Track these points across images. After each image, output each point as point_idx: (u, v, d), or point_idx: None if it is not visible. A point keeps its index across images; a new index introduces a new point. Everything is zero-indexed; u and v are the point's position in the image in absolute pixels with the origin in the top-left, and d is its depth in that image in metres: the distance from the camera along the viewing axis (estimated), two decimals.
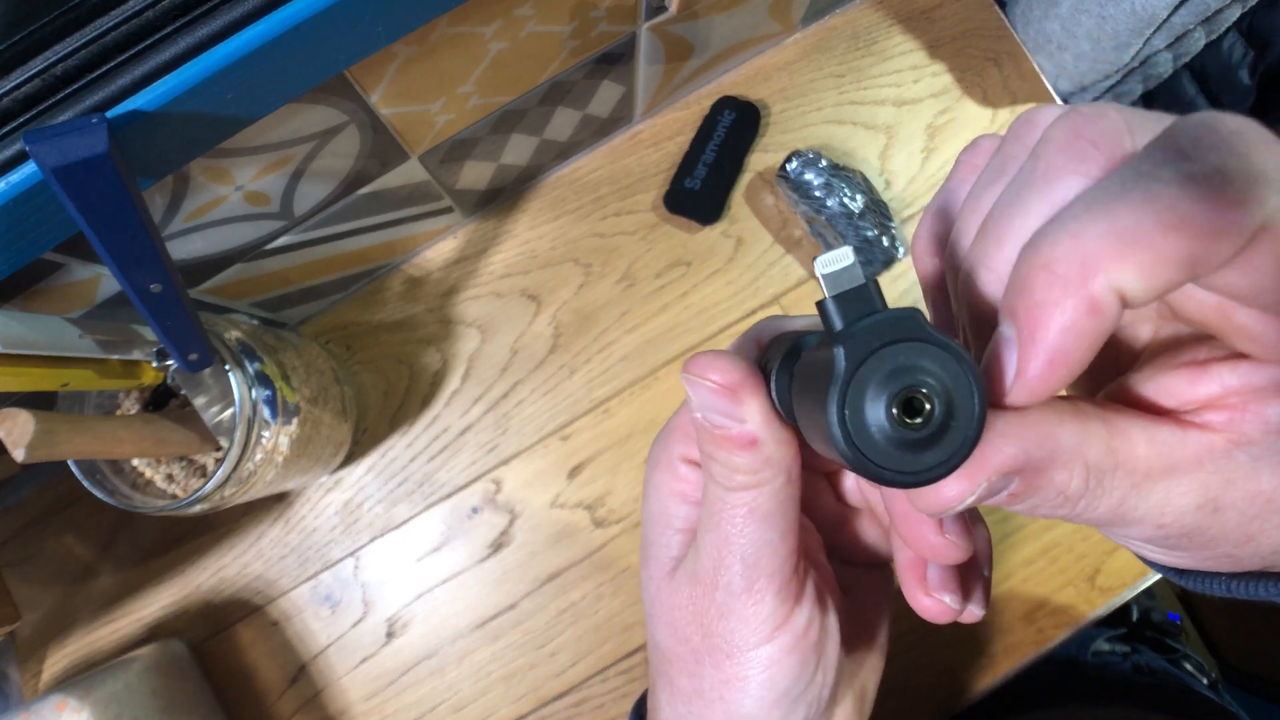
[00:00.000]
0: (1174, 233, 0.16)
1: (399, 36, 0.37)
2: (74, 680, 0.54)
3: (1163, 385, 0.21)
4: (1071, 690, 0.71)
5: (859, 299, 0.19)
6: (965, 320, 0.22)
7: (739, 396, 0.23)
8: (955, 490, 0.19)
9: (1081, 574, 0.64)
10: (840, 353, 0.18)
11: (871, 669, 0.32)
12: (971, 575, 0.27)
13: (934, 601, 0.25)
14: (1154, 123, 0.19)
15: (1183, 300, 0.20)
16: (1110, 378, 0.23)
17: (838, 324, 0.19)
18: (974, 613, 0.26)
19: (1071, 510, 0.20)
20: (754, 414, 0.24)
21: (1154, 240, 0.16)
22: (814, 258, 0.20)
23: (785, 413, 0.24)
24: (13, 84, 0.31)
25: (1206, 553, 0.21)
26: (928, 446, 0.18)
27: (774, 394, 0.24)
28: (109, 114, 0.31)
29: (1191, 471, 0.20)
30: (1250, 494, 0.20)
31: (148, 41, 0.32)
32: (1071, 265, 0.17)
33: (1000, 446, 0.19)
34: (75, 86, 0.31)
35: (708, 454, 0.25)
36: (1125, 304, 0.17)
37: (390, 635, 0.64)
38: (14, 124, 0.32)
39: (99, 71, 0.31)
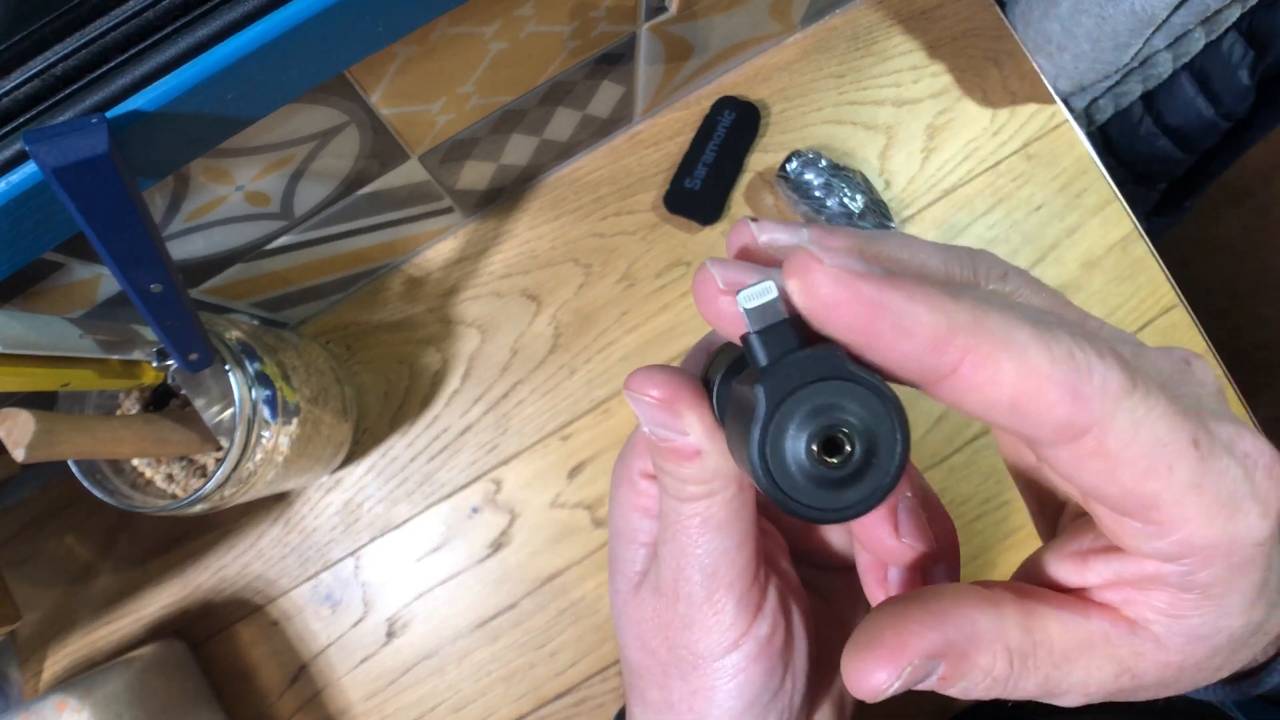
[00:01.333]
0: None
1: (399, 37, 0.37)
2: (74, 680, 0.54)
3: (1062, 568, 0.22)
4: None
5: (782, 334, 0.19)
6: None
7: (678, 410, 0.23)
8: (882, 676, 0.20)
9: None
10: (761, 392, 0.18)
11: None
12: (935, 572, 0.26)
13: None
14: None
15: (1064, 486, 0.22)
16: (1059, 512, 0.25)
17: (761, 360, 0.19)
18: None
19: (1002, 690, 0.21)
20: (695, 426, 0.23)
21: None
22: (736, 291, 0.19)
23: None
24: (13, 84, 0.31)
25: (1134, 698, 0.22)
26: (849, 484, 0.18)
27: (716, 405, 0.24)
28: (109, 114, 0.31)
29: (1103, 648, 0.21)
30: (1161, 664, 0.21)
31: (148, 42, 0.32)
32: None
33: (920, 633, 0.20)
34: (75, 86, 0.31)
35: (659, 467, 0.25)
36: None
37: (390, 635, 0.64)
38: (14, 124, 0.32)
39: (99, 71, 0.31)
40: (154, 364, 0.46)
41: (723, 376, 0.24)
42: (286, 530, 0.65)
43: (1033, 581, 0.23)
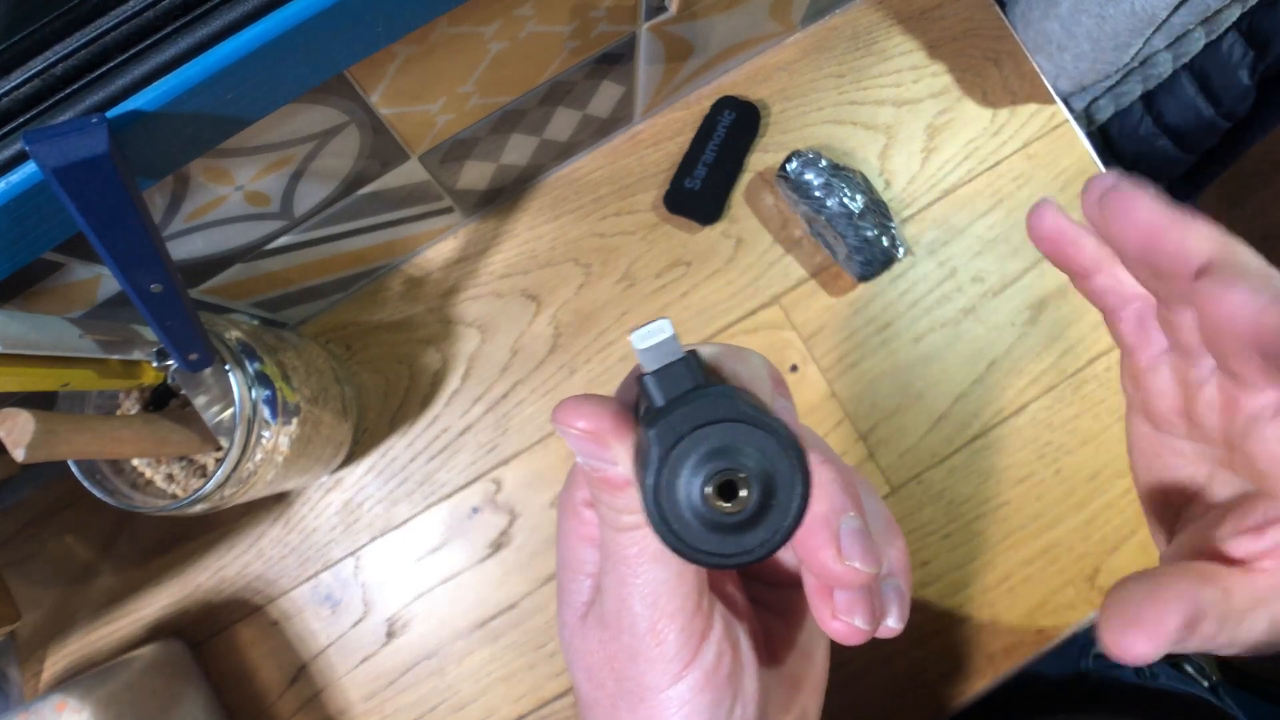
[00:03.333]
0: None
1: (399, 36, 0.37)
2: (74, 680, 0.54)
3: (1232, 543, 0.25)
4: (1072, 699, 0.71)
5: (679, 374, 0.19)
6: None
7: (605, 441, 0.23)
8: (1148, 648, 0.23)
9: (1081, 574, 0.64)
10: (653, 435, 0.18)
11: (812, 690, 0.31)
12: (887, 591, 0.27)
13: (842, 625, 0.25)
14: None
15: (1246, 457, 0.25)
16: (1175, 519, 0.29)
17: (658, 401, 0.19)
18: (890, 628, 0.26)
19: (1198, 648, 0.24)
20: (623, 457, 0.23)
21: None
22: (629, 331, 0.19)
23: None
24: (13, 84, 0.31)
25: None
26: (748, 528, 0.18)
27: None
28: (109, 114, 0.31)
29: (1264, 607, 0.24)
30: None
31: (148, 41, 0.32)
32: None
33: (1175, 610, 0.23)
34: (75, 86, 0.31)
35: (595, 496, 0.25)
36: None
37: (390, 635, 0.64)
38: (14, 124, 0.32)
39: (99, 71, 0.31)
40: (154, 364, 0.46)
41: (645, 408, 0.23)
42: (286, 530, 0.65)
43: (1200, 556, 0.26)
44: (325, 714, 0.63)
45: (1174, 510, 0.30)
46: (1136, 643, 0.23)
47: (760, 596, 0.30)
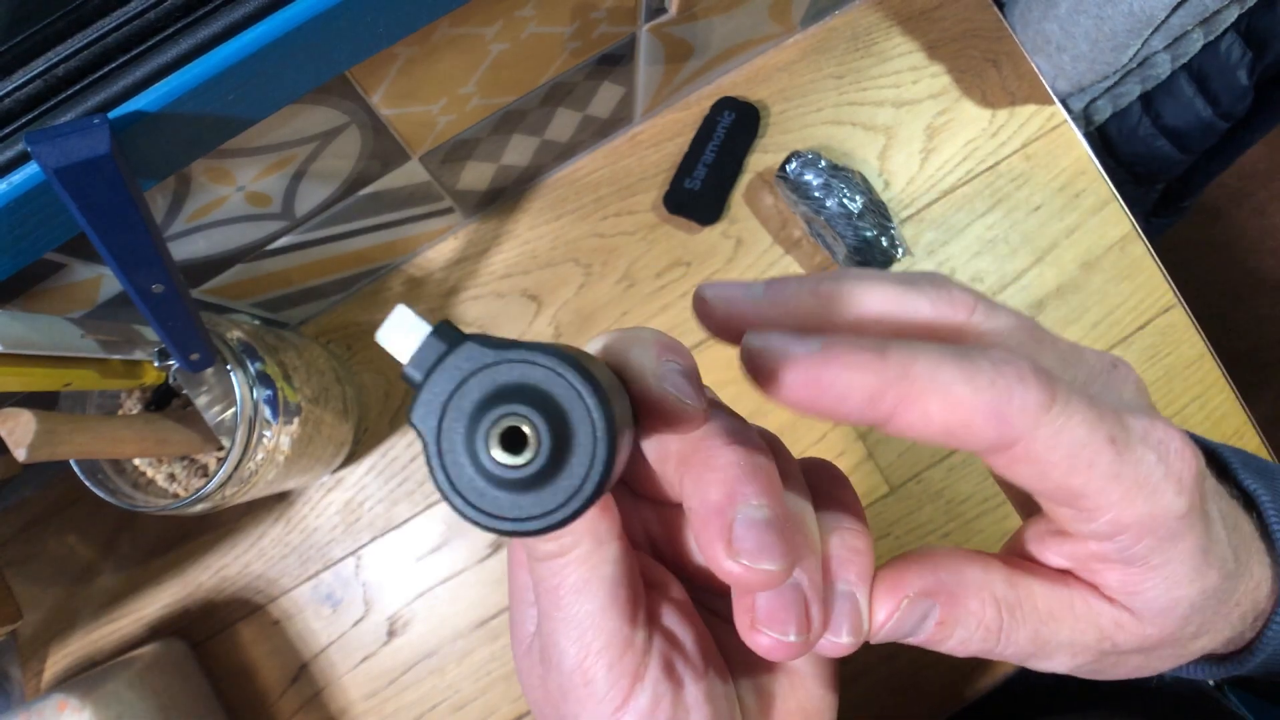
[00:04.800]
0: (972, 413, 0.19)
1: (400, 38, 0.37)
2: (76, 679, 0.55)
3: (1035, 549, 0.24)
4: (1074, 697, 0.71)
5: (431, 348, 0.18)
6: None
7: None
8: (881, 614, 0.22)
9: None
10: (417, 413, 0.16)
11: (797, 707, 0.27)
12: (837, 599, 0.23)
13: (763, 638, 0.21)
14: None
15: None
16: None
17: (417, 379, 0.17)
18: (837, 645, 0.22)
19: (996, 642, 0.22)
20: None
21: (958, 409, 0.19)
22: (375, 333, 0.18)
23: None
24: (15, 85, 0.31)
25: (1120, 671, 0.24)
26: (547, 482, 0.16)
27: None
28: (111, 115, 0.31)
29: (1085, 613, 0.23)
30: (1139, 635, 0.23)
31: (150, 43, 0.32)
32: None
33: (914, 573, 0.22)
34: (77, 87, 0.32)
35: None
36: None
37: (391, 634, 0.64)
38: (16, 125, 0.32)
39: (101, 72, 0.32)
40: (155, 364, 0.46)
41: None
42: (287, 530, 0.65)
43: (1020, 552, 0.25)
44: (326, 713, 0.63)
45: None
46: (871, 610, 0.22)
47: (717, 608, 0.28)
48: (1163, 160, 0.73)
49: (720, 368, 0.65)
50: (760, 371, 0.20)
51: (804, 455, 0.27)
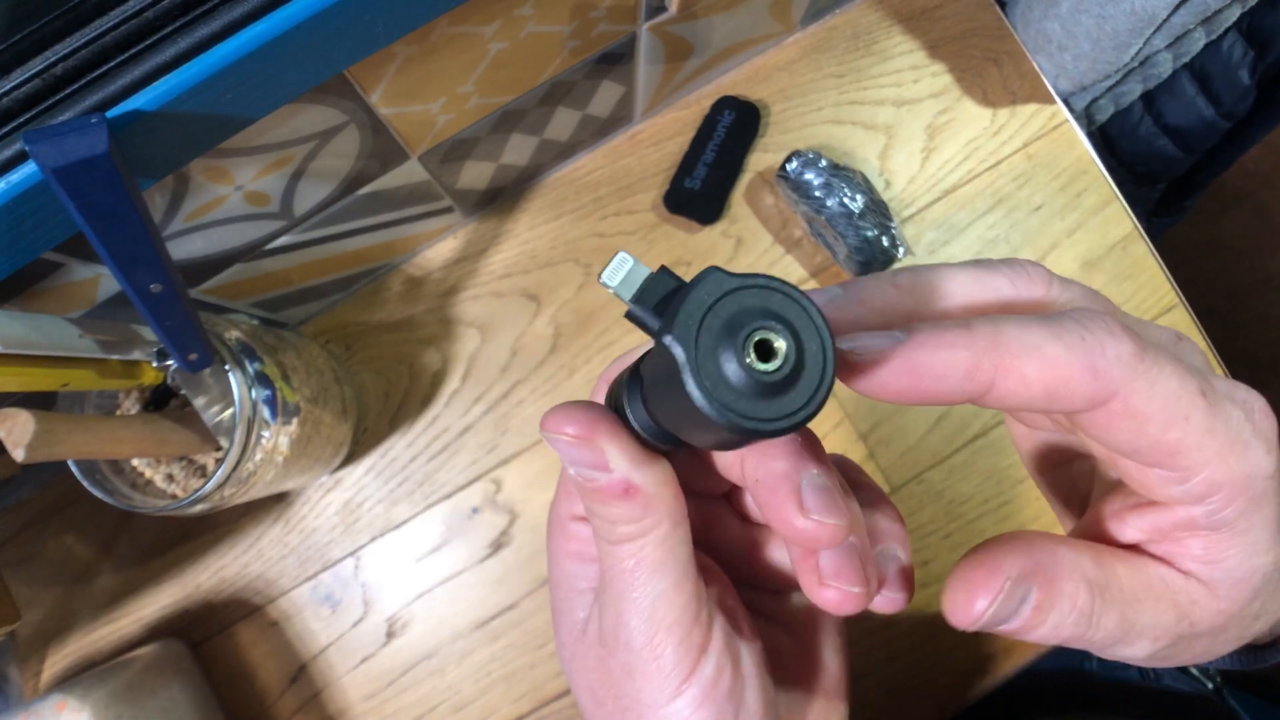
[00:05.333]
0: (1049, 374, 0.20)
1: (399, 36, 0.37)
2: (74, 680, 0.54)
3: (1110, 528, 0.24)
4: (1075, 699, 0.71)
5: (658, 287, 0.20)
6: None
7: (597, 444, 0.23)
8: (982, 603, 0.22)
9: None
10: (673, 337, 0.18)
11: (828, 701, 0.29)
12: (884, 560, 0.25)
13: (832, 591, 0.23)
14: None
15: (1098, 450, 0.24)
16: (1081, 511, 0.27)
17: (653, 321, 0.19)
18: (893, 599, 0.25)
19: (1086, 626, 0.22)
20: (619, 459, 0.23)
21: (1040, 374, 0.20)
22: (598, 276, 0.19)
23: (656, 439, 0.23)
24: (13, 84, 0.31)
25: (1188, 654, 0.24)
26: (788, 388, 0.18)
27: (637, 427, 0.23)
28: (109, 114, 0.31)
29: (1163, 592, 0.23)
30: (1213, 610, 0.23)
31: (148, 41, 0.32)
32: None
33: (1011, 559, 0.22)
34: (75, 86, 0.31)
35: (588, 509, 0.24)
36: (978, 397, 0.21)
37: (390, 635, 0.64)
38: (14, 124, 0.32)
39: (99, 71, 0.31)
40: (154, 364, 0.46)
41: (628, 394, 0.23)
42: (286, 530, 0.65)
43: (1094, 535, 0.25)
44: (325, 714, 0.63)
45: (1068, 479, 0.29)
46: (970, 598, 0.22)
47: (763, 608, 0.30)
48: (1164, 159, 0.73)
49: None
50: (854, 371, 0.21)
51: None
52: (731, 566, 0.29)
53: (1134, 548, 0.24)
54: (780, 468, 0.22)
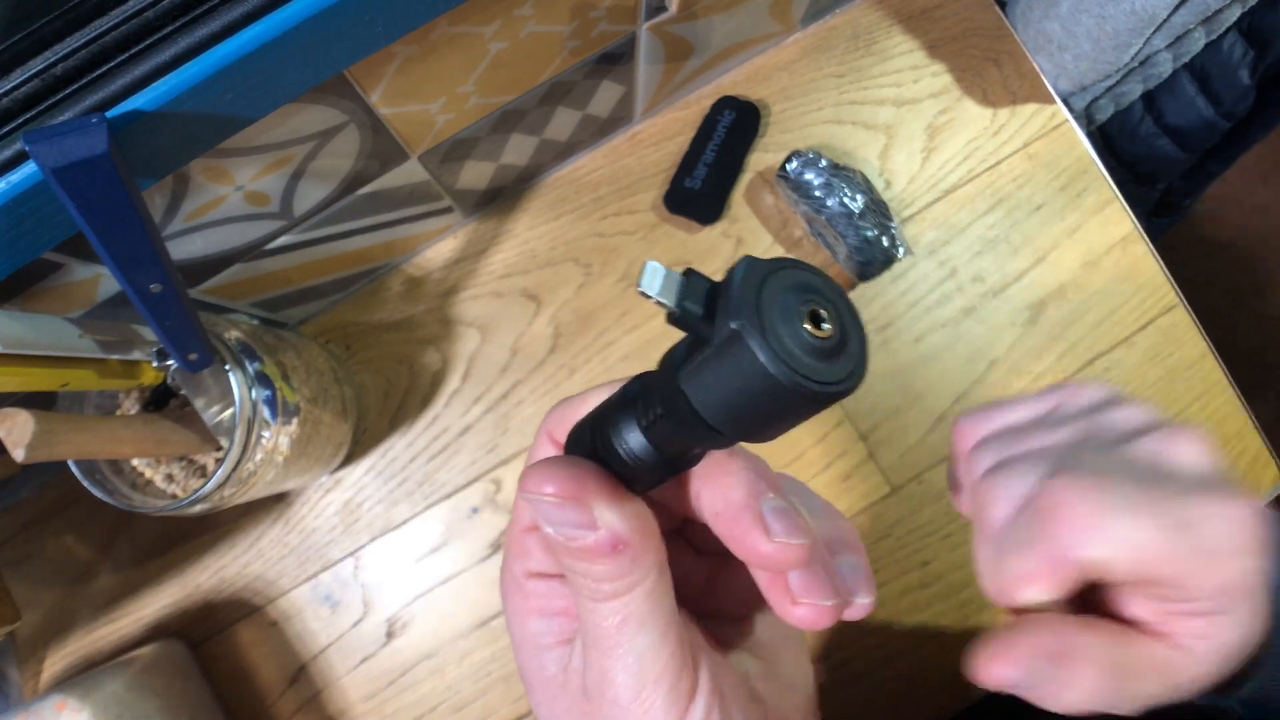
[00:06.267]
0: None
1: (399, 36, 0.37)
2: (74, 680, 0.55)
3: (1127, 600, 0.29)
4: None
5: (695, 287, 0.21)
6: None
7: (585, 502, 0.22)
8: (1010, 672, 0.29)
9: None
10: (737, 319, 0.19)
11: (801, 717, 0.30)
12: (844, 569, 0.26)
13: (804, 608, 0.24)
14: None
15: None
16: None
17: (701, 310, 0.21)
18: (862, 605, 0.26)
19: (1105, 701, 0.28)
20: (608, 515, 0.22)
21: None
22: (637, 287, 0.21)
23: (652, 468, 0.23)
24: (13, 84, 0.31)
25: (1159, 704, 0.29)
26: (839, 354, 0.19)
27: (627, 458, 0.23)
28: (109, 114, 0.31)
29: (1158, 667, 0.28)
30: (1194, 675, 0.28)
31: (147, 41, 0.32)
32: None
33: (1038, 642, 0.28)
34: (75, 86, 0.31)
35: (568, 568, 0.24)
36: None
37: (390, 635, 0.64)
38: (14, 124, 0.32)
39: (99, 71, 0.31)
40: (154, 364, 0.46)
41: (619, 425, 0.23)
42: (286, 530, 0.65)
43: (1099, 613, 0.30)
44: (325, 714, 0.63)
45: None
46: (997, 667, 0.28)
47: (724, 637, 0.29)
48: (1164, 159, 0.73)
49: None
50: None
51: (806, 454, 0.29)
52: (690, 599, 0.28)
53: (1134, 623, 0.28)
54: (738, 496, 0.23)
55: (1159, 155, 0.72)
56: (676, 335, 0.22)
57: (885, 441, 0.65)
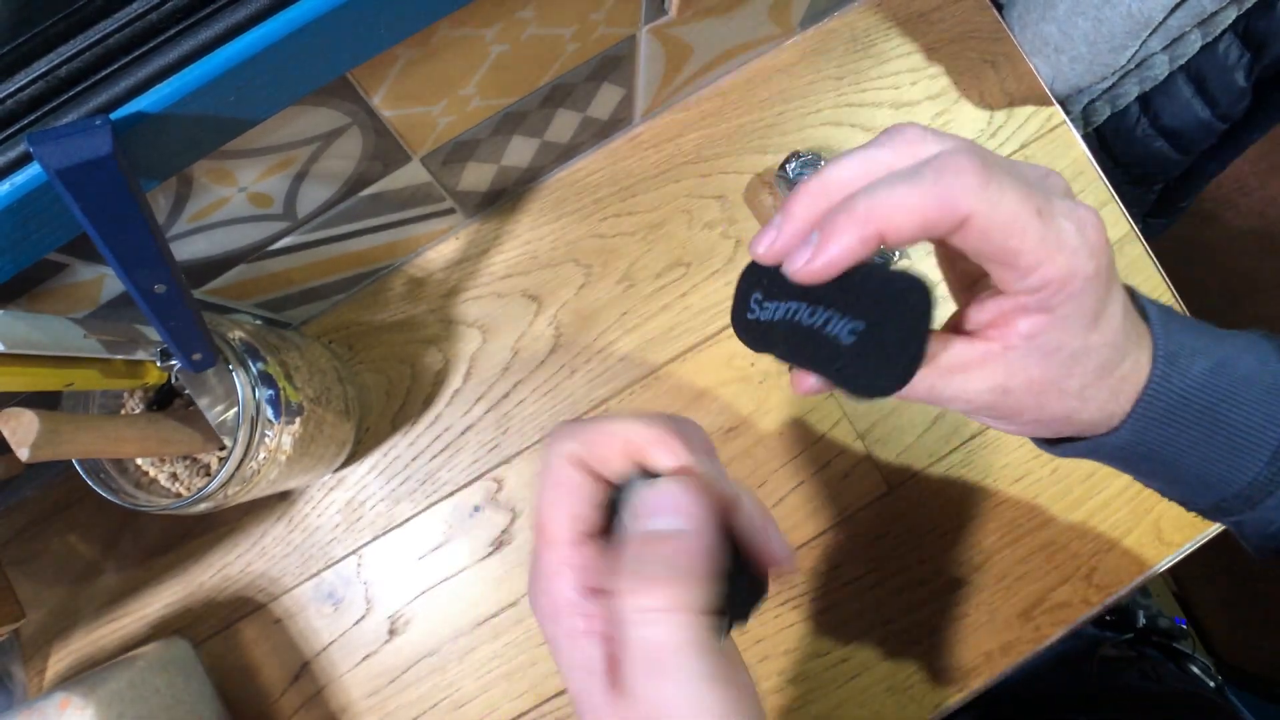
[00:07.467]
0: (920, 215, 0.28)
1: (401, 39, 0.37)
2: (78, 678, 0.55)
3: (970, 314, 0.32)
4: (1079, 702, 0.71)
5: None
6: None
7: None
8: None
9: (1077, 572, 0.64)
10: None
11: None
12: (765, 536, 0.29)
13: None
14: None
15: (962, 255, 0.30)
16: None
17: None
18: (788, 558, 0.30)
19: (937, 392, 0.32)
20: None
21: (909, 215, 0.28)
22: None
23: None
24: (17, 86, 0.31)
25: (1020, 421, 0.33)
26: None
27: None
28: (113, 116, 0.32)
29: (979, 367, 0.31)
30: (1026, 380, 0.31)
31: (152, 44, 0.32)
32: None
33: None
34: (79, 88, 0.32)
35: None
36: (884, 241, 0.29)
37: (392, 633, 0.64)
38: (18, 126, 0.32)
39: (103, 73, 0.32)
40: (158, 364, 0.46)
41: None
42: (289, 529, 0.65)
43: (955, 329, 0.33)
44: (327, 711, 0.63)
45: (965, 275, 0.36)
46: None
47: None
48: (1161, 161, 0.73)
49: (718, 368, 0.65)
50: (796, 269, 0.29)
51: (805, 453, 0.31)
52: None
53: (974, 332, 0.31)
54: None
55: (1155, 157, 0.73)
56: (671, 335, 0.24)
57: (882, 440, 0.65)
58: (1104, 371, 0.31)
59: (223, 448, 0.51)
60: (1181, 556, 0.65)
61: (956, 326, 0.33)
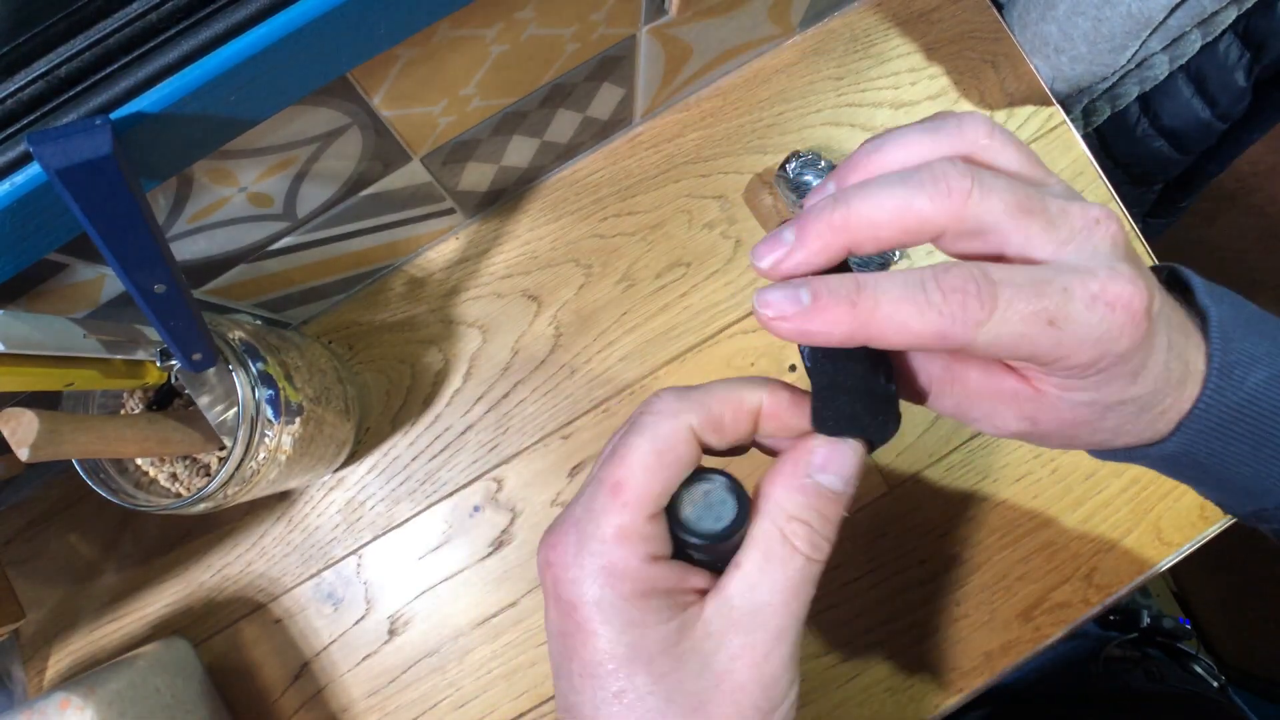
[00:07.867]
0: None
1: (401, 39, 0.37)
2: (78, 678, 0.55)
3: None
4: (1082, 703, 0.71)
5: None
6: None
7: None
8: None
9: (1078, 572, 0.64)
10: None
11: None
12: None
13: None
14: None
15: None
16: None
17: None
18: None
19: (930, 398, 0.32)
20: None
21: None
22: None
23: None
24: (17, 85, 0.31)
25: (1050, 445, 0.32)
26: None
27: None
28: (113, 116, 0.32)
29: (1010, 402, 0.30)
30: (1057, 420, 0.30)
31: (152, 44, 0.32)
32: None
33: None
34: (79, 88, 0.32)
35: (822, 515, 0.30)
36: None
37: (392, 633, 0.64)
38: (18, 125, 0.32)
39: (103, 73, 0.32)
40: (157, 364, 0.46)
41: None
42: (289, 529, 0.65)
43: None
44: (327, 711, 0.63)
45: None
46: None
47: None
48: (1161, 161, 0.73)
49: (718, 368, 0.65)
50: (768, 325, 0.27)
51: None
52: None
53: (1007, 366, 0.30)
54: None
55: (1155, 157, 0.73)
56: (671, 335, 0.23)
57: None
58: (1143, 411, 0.30)
59: (222, 448, 0.51)
60: (1181, 556, 0.65)
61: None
